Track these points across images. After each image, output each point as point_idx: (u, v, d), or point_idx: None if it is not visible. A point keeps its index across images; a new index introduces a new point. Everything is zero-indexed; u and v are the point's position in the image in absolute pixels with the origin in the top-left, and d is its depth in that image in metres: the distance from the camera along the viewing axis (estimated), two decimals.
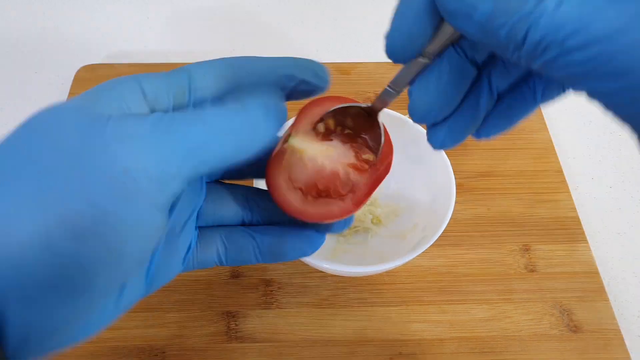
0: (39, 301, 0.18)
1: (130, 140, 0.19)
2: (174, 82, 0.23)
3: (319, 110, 0.27)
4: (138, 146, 0.19)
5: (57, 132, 0.19)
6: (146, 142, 0.19)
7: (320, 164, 0.27)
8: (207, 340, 0.39)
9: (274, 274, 0.42)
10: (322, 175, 0.27)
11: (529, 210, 0.46)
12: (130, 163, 0.18)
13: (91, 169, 0.18)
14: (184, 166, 0.20)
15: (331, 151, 0.27)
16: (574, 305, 0.41)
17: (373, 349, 0.38)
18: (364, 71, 0.55)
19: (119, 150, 0.18)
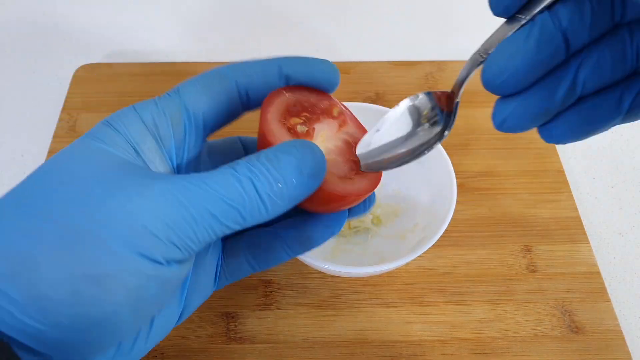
0: (69, 345, 0.20)
1: (151, 204, 0.20)
2: (167, 107, 0.24)
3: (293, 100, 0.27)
4: (157, 212, 0.20)
5: (81, 183, 0.21)
6: (163, 210, 0.20)
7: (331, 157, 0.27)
8: (207, 341, 0.38)
9: (273, 275, 0.42)
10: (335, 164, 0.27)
11: (530, 211, 0.45)
12: (151, 225, 0.20)
13: (113, 224, 0.20)
14: (204, 232, 0.21)
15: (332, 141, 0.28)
16: (575, 305, 0.40)
17: (373, 350, 0.38)
18: (364, 71, 0.55)
19: (140, 210, 0.20)
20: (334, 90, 0.28)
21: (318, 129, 0.27)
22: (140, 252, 0.20)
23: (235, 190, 0.21)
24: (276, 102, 0.26)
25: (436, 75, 0.55)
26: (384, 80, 0.54)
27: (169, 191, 0.20)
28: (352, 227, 0.42)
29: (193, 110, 0.25)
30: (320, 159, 0.23)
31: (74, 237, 0.19)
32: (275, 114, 0.26)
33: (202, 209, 0.20)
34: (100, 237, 0.19)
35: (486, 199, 0.46)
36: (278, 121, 0.26)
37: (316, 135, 0.27)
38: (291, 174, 0.22)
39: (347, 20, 0.63)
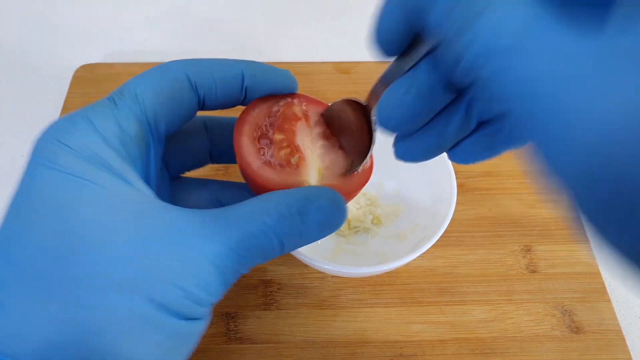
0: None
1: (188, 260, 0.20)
2: (129, 122, 0.22)
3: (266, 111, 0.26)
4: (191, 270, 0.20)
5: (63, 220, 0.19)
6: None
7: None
8: (207, 341, 0.38)
9: (273, 275, 0.42)
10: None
11: (530, 211, 0.45)
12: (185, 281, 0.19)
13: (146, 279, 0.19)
14: (228, 285, 0.21)
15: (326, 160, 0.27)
16: (575, 305, 0.40)
17: (373, 350, 0.38)
18: (364, 71, 0.55)
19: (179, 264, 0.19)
20: None
21: (300, 142, 0.26)
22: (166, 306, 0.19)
23: (263, 249, 0.21)
24: (248, 141, 0.25)
25: None
26: None
27: (207, 256, 0.20)
28: (352, 227, 0.42)
29: (155, 122, 0.23)
30: (343, 214, 0.23)
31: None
32: (255, 155, 0.24)
33: (235, 272, 0.21)
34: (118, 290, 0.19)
35: (486, 199, 0.46)
36: (264, 163, 0.24)
37: (305, 152, 0.26)
38: (315, 229, 0.22)
39: (347, 20, 0.63)
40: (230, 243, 0.20)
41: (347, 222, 0.42)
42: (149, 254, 0.19)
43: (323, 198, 0.22)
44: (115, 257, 0.18)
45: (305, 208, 0.21)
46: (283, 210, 0.21)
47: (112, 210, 0.19)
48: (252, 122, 0.25)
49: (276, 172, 0.24)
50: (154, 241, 0.19)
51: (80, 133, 0.20)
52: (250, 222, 0.20)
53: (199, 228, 0.20)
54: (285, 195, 0.21)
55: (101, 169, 0.20)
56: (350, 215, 0.42)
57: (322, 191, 0.22)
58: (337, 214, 0.22)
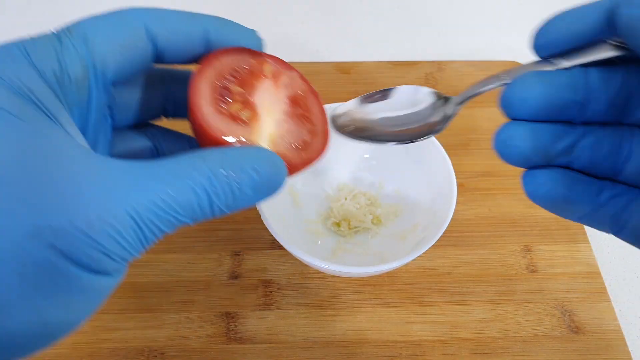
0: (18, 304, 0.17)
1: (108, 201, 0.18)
2: (72, 62, 0.20)
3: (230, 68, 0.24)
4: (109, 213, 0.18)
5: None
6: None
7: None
8: (207, 341, 0.38)
9: (273, 275, 0.42)
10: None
11: (530, 211, 0.45)
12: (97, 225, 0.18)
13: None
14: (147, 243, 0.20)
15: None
16: (576, 306, 0.40)
17: (373, 350, 0.38)
18: (364, 71, 0.55)
19: (96, 205, 0.18)
20: None
21: (259, 101, 0.25)
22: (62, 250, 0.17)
23: (190, 206, 0.19)
24: (206, 86, 0.23)
25: (436, 75, 0.55)
26: (384, 80, 0.54)
27: (124, 204, 0.18)
28: (352, 227, 0.42)
29: (102, 68, 0.21)
30: (282, 180, 0.22)
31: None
32: (208, 101, 0.23)
33: (153, 226, 0.19)
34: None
35: (486, 199, 0.46)
36: (216, 110, 0.23)
37: (261, 112, 0.25)
38: (249, 192, 0.20)
39: (347, 20, 0.63)
40: (153, 197, 0.19)
41: (347, 222, 0.42)
42: (56, 198, 0.17)
43: (262, 159, 0.21)
44: (18, 197, 0.17)
45: (240, 167, 0.20)
46: (216, 168, 0.20)
47: (28, 147, 0.17)
48: (217, 67, 0.24)
49: (225, 123, 0.23)
50: (66, 185, 0.17)
51: (13, 63, 0.19)
52: (180, 177, 0.19)
53: (121, 178, 0.18)
54: (221, 152, 0.20)
55: (29, 103, 0.18)
56: (350, 215, 0.42)
57: (261, 152, 0.21)
58: (274, 179, 0.21)
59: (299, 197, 0.43)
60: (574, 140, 0.20)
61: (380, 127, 0.28)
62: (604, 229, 0.21)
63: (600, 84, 0.20)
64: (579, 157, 0.21)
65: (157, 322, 0.39)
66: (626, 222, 0.21)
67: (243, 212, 0.45)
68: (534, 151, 0.21)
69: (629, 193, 0.21)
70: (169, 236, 0.46)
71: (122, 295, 0.40)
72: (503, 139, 0.21)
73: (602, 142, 0.20)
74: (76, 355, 0.37)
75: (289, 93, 0.26)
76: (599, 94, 0.20)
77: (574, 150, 0.21)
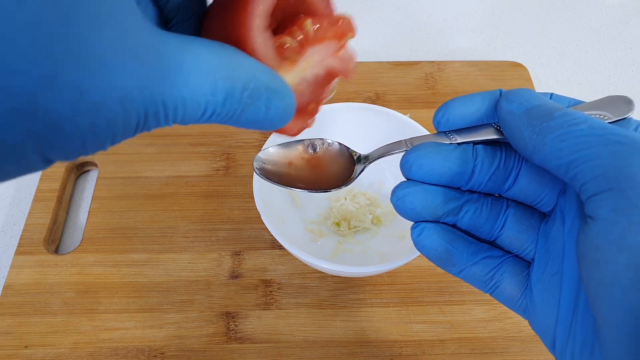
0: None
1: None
2: None
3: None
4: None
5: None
6: None
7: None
8: (207, 341, 0.38)
9: (273, 275, 0.42)
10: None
11: None
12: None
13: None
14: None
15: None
16: None
17: (373, 350, 0.38)
18: (364, 71, 0.55)
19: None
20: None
21: (309, 51, 0.23)
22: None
23: (207, 100, 0.18)
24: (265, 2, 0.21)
25: (435, 75, 0.55)
26: (384, 80, 0.54)
27: (143, 81, 0.16)
28: (352, 227, 0.42)
29: None
30: (289, 114, 0.21)
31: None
32: (262, 18, 0.20)
33: (160, 111, 0.17)
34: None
35: None
36: (264, 29, 0.21)
37: (301, 62, 0.23)
38: (262, 108, 0.20)
39: None
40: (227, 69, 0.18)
41: (347, 222, 0.42)
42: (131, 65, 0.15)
43: (287, 95, 0.21)
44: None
45: (262, 90, 0.19)
46: (246, 78, 0.19)
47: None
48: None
49: (269, 48, 0.21)
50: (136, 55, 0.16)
51: None
52: (236, 63, 0.18)
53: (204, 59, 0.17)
54: (258, 65, 0.20)
55: None
56: (350, 215, 0.42)
57: (288, 91, 0.21)
58: (285, 110, 0.21)
59: (299, 197, 0.43)
60: (459, 204, 0.24)
61: (295, 175, 0.30)
62: (481, 288, 0.24)
63: (484, 159, 0.23)
64: (463, 219, 0.24)
65: (157, 321, 0.39)
66: (498, 283, 0.23)
67: (243, 212, 0.45)
68: (424, 209, 0.23)
69: (502, 257, 0.24)
70: (169, 236, 0.46)
71: (122, 295, 0.40)
72: (399, 195, 0.24)
73: (483, 210, 0.24)
74: (76, 354, 0.37)
75: (333, 65, 0.25)
76: (483, 168, 0.23)
77: (459, 212, 0.24)
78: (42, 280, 0.41)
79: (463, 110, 0.24)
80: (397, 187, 0.24)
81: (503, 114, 0.22)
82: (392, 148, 0.26)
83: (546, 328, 0.22)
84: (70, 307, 0.40)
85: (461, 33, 0.63)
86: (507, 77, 0.55)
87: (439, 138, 0.24)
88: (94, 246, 0.43)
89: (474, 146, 0.23)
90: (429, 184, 0.23)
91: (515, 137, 0.21)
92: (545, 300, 0.22)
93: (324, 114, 0.42)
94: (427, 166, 0.23)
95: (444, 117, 0.24)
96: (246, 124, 0.20)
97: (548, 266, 0.22)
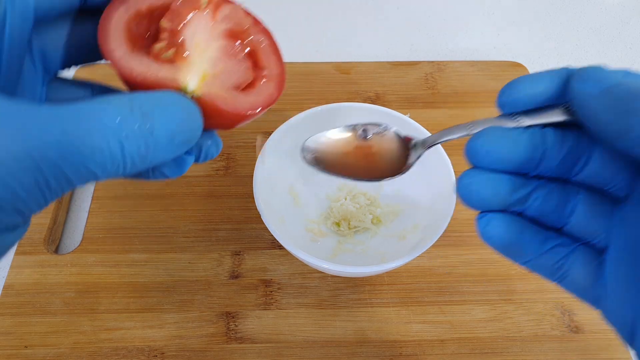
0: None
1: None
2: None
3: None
4: (7, 178, 0.16)
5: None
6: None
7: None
8: (207, 340, 0.38)
9: (273, 275, 0.42)
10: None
11: None
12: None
13: None
14: (55, 195, 0.18)
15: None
16: (575, 305, 0.40)
17: (373, 350, 0.38)
18: (364, 71, 0.55)
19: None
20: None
21: (190, 36, 0.22)
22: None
23: (100, 151, 0.17)
24: (118, 22, 0.20)
25: (435, 75, 0.55)
26: (383, 80, 0.54)
27: (23, 144, 0.16)
28: (352, 227, 0.42)
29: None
30: (197, 127, 0.20)
31: None
32: (120, 39, 0.20)
33: (59, 173, 0.17)
34: None
35: None
36: (130, 49, 0.20)
37: (192, 49, 0.21)
38: (163, 140, 0.19)
39: (348, 20, 0.63)
40: (57, 135, 0.16)
41: (347, 221, 0.42)
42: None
43: (173, 103, 0.19)
44: None
45: (150, 112, 0.18)
46: (124, 110, 0.18)
47: None
48: (136, 2, 0.21)
49: (145, 64, 0.20)
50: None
51: None
52: (85, 118, 0.17)
53: (22, 117, 0.16)
54: (129, 96, 0.19)
55: None
56: (350, 215, 0.42)
57: (172, 97, 0.20)
58: (188, 125, 0.20)
59: (299, 197, 0.43)
60: (528, 192, 0.22)
61: (346, 163, 0.29)
62: (548, 277, 0.23)
63: (554, 144, 0.22)
64: (530, 207, 0.22)
65: (158, 321, 0.39)
66: (567, 273, 0.22)
67: (243, 212, 0.45)
68: (492, 198, 0.22)
69: (571, 245, 0.22)
70: (169, 236, 0.46)
71: (123, 295, 0.40)
72: (465, 184, 0.23)
73: (552, 196, 0.22)
74: (76, 354, 0.37)
75: (228, 27, 0.23)
76: (552, 153, 0.22)
77: (528, 200, 0.22)
78: (42, 280, 0.41)
79: (529, 90, 0.22)
80: (462, 176, 0.23)
81: (577, 95, 0.20)
82: (451, 132, 0.25)
83: (623, 320, 0.20)
84: (70, 307, 0.40)
85: (461, 33, 0.63)
86: (507, 77, 0.55)
87: (504, 121, 0.22)
88: (94, 246, 0.43)
89: (543, 130, 0.22)
90: (496, 172, 0.22)
91: (592, 121, 0.20)
92: (622, 291, 0.20)
93: (324, 114, 0.42)
94: (495, 153, 0.22)
95: (509, 98, 0.22)
96: (169, 145, 0.19)
97: (626, 255, 0.20)
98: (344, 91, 0.53)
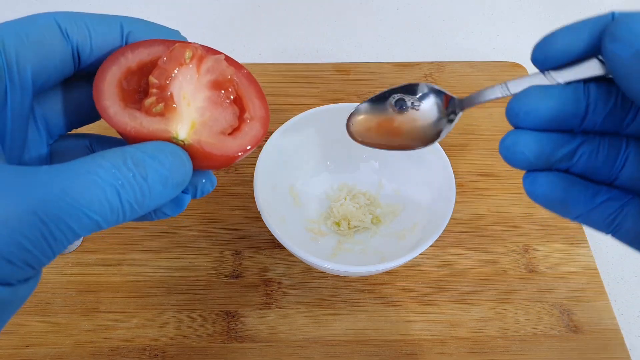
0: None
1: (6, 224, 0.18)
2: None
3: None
4: (14, 234, 0.18)
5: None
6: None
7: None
8: (207, 340, 0.39)
9: (274, 274, 0.42)
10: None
11: (528, 210, 0.46)
12: (6, 250, 0.18)
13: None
14: (61, 246, 0.19)
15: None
16: (574, 305, 0.41)
17: (373, 349, 0.38)
18: (363, 71, 0.55)
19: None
20: None
21: (177, 90, 0.23)
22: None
23: (98, 202, 0.19)
24: (110, 83, 0.22)
25: (435, 75, 0.55)
26: (383, 80, 0.54)
27: (26, 203, 0.17)
28: (352, 227, 0.42)
29: (17, 67, 0.21)
30: (188, 170, 0.22)
31: None
32: (113, 98, 0.22)
33: (63, 225, 0.18)
34: None
35: (485, 199, 0.46)
36: (123, 106, 0.22)
37: (180, 102, 0.23)
38: (158, 186, 0.20)
39: (347, 20, 0.63)
40: (57, 191, 0.18)
41: (347, 221, 0.43)
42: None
43: (163, 152, 0.21)
44: None
45: (142, 161, 0.20)
46: (118, 162, 0.19)
47: None
48: (123, 62, 0.23)
49: (138, 118, 0.22)
50: None
51: None
52: (82, 173, 0.19)
53: (21, 177, 0.18)
54: (121, 149, 0.20)
55: None
56: (350, 214, 0.43)
57: (162, 145, 0.21)
58: (179, 170, 0.21)
59: (299, 197, 0.43)
60: (573, 148, 0.22)
61: (386, 134, 0.28)
62: (600, 230, 0.22)
63: (599, 99, 0.21)
64: (577, 163, 0.22)
65: (158, 321, 0.39)
66: (621, 225, 0.22)
67: (244, 212, 0.45)
68: (537, 157, 0.22)
69: (623, 197, 0.22)
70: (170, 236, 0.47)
71: (124, 294, 0.40)
72: (508, 145, 0.22)
73: (600, 151, 0.22)
74: (77, 354, 0.38)
75: (213, 78, 0.24)
76: (597, 108, 0.21)
77: (574, 157, 0.22)
78: (44, 279, 0.41)
79: (566, 46, 0.21)
80: (505, 138, 0.22)
81: (609, 56, 0.19)
82: (487, 94, 0.24)
83: None
84: (71, 306, 0.40)
85: (461, 33, 0.63)
86: (507, 78, 0.55)
87: (541, 79, 0.22)
88: (95, 246, 0.43)
89: (585, 85, 0.21)
90: (539, 131, 0.22)
91: (624, 85, 0.19)
92: None
93: (324, 115, 0.42)
94: (535, 112, 0.21)
95: (543, 53, 0.22)
96: (164, 189, 0.21)
97: None
98: (344, 92, 0.53)
